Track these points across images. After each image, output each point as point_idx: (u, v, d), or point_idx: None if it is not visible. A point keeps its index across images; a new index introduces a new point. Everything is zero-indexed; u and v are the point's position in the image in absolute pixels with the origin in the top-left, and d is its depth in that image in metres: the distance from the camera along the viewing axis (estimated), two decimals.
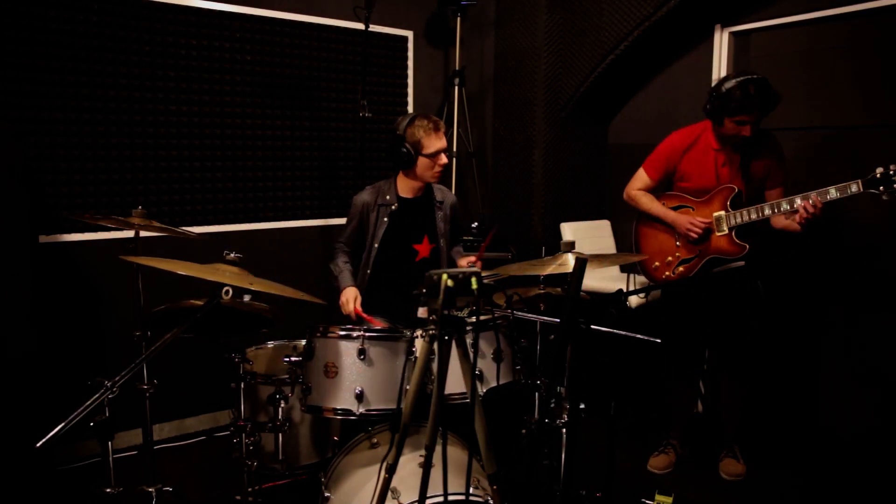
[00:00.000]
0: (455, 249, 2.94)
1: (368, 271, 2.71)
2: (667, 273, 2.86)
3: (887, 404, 2.98)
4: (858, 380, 3.09)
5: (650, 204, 2.89)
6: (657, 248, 2.89)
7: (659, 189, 2.92)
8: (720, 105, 2.58)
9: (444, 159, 2.63)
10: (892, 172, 2.28)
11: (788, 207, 2.51)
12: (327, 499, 2.09)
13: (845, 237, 3.10)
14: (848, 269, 3.09)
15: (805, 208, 2.45)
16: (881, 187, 2.31)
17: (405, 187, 2.73)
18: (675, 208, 2.83)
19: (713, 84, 2.70)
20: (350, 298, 2.52)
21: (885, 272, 2.98)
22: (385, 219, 2.69)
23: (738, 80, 2.55)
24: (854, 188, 2.36)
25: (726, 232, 2.69)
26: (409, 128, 2.58)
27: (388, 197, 2.71)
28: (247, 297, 2.23)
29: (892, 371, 2.95)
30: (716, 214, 2.72)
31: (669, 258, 2.85)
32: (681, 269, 2.82)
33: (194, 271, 1.81)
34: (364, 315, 2.47)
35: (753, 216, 2.60)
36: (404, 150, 2.57)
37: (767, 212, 2.57)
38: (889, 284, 2.96)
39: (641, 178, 2.93)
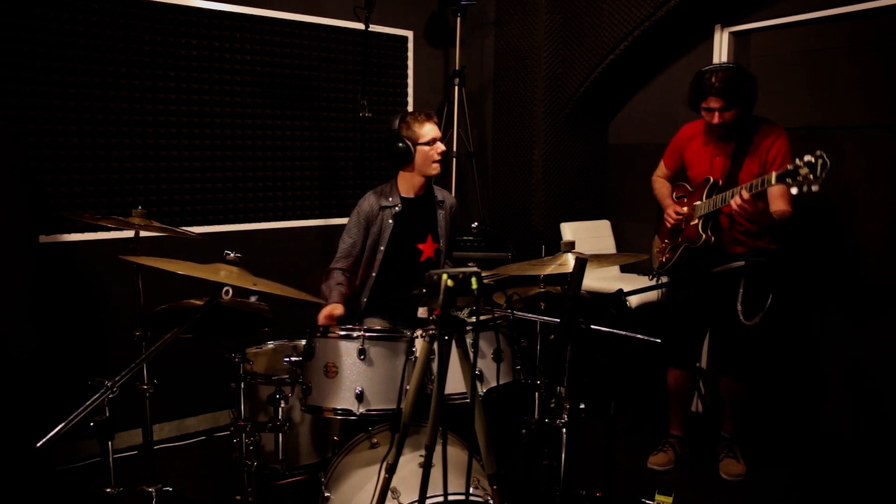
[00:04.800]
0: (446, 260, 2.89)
1: (374, 274, 2.70)
2: (660, 259, 2.99)
3: (886, 404, 2.98)
4: (857, 379, 3.09)
5: (659, 190, 3.07)
6: (662, 233, 3.03)
7: (677, 178, 3.04)
8: (691, 91, 2.70)
9: (441, 147, 2.65)
10: (800, 165, 2.25)
11: (728, 198, 2.55)
12: (327, 499, 2.09)
13: (845, 238, 3.10)
14: (846, 269, 3.09)
15: (734, 201, 2.48)
16: (788, 179, 2.28)
17: (406, 187, 2.73)
18: (679, 197, 2.94)
19: None
20: (324, 314, 2.48)
21: (883, 273, 2.98)
22: (390, 221, 2.68)
23: (710, 66, 2.67)
24: (771, 180, 2.35)
25: (696, 221, 2.76)
26: (401, 123, 2.64)
27: (390, 199, 2.70)
28: (253, 298, 2.23)
29: (891, 370, 2.95)
30: (695, 204, 2.79)
31: (661, 245, 2.99)
32: (667, 255, 2.93)
33: (194, 271, 1.80)
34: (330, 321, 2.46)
35: (710, 207, 2.68)
36: (401, 144, 2.60)
37: (719, 203, 2.63)
38: (887, 285, 2.96)
39: (661, 166, 3.10)
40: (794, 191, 2.26)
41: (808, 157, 2.23)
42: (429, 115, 2.66)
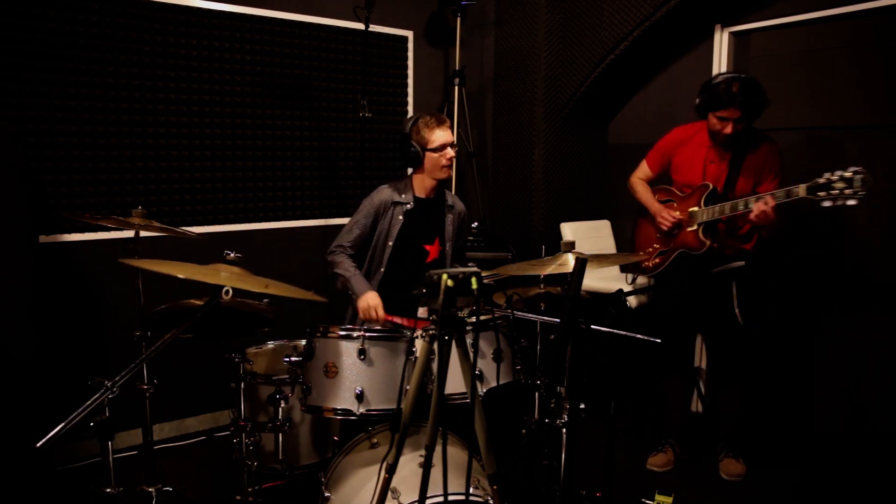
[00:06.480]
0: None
1: (382, 269, 2.70)
2: (646, 263, 2.97)
3: (884, 403, 2.98)
4: (855, 380, 3.09)
5: (643, 193, 3.02)
6: (646, 237, 3.01)
7: (659, 181, 3.01)
8: (705, 99, 2.67)
9: (450, 153, 2.66)
10: (834, 179, 2.29)
11: (743, 208, 2.55)
12: (327, 499, 2.09)
13: (840, 240, 3.10)
14: (843, 271, 3.09)
15: (758, 208, 2.48)
16: (821, 193, 2.31)
17: (420, 187, 2.75)
18: (663, 202, 2.93)
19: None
20: (375, 305, 2.48)
21: (878, 275, 2.98)
22: (400, 217, 2.70)
23: (725, 76, 2.65)
24: (800, 192, 2.38)
25: (695, 227, 2.75)
26: (413, 126, 2.65)
27: (404, 196, 2.73)
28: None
29: (887, 371, 2.95)
30: (691, 210, 2.78)
31: (650, 249, 2.97)
32: (657, 260, 2.93)
33: (196, 275, 1.80)
34: (391, 318, 2.47)
35: (717, 214, 2.66)
36: (412, 149, 2.63)
37: (728, 210, 2.61)
38: (882, 287, 2.96)
39: (643, 168, 3.06)
40: (826, 203, 2.30)
41: (846, 173, 2.26)
42: (440, 121, 2.66)
